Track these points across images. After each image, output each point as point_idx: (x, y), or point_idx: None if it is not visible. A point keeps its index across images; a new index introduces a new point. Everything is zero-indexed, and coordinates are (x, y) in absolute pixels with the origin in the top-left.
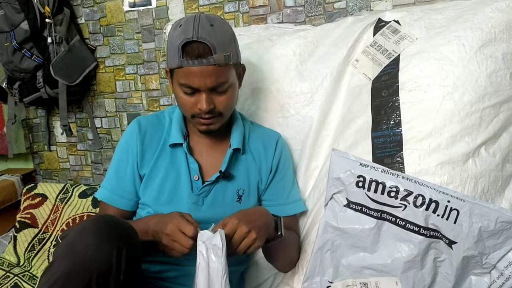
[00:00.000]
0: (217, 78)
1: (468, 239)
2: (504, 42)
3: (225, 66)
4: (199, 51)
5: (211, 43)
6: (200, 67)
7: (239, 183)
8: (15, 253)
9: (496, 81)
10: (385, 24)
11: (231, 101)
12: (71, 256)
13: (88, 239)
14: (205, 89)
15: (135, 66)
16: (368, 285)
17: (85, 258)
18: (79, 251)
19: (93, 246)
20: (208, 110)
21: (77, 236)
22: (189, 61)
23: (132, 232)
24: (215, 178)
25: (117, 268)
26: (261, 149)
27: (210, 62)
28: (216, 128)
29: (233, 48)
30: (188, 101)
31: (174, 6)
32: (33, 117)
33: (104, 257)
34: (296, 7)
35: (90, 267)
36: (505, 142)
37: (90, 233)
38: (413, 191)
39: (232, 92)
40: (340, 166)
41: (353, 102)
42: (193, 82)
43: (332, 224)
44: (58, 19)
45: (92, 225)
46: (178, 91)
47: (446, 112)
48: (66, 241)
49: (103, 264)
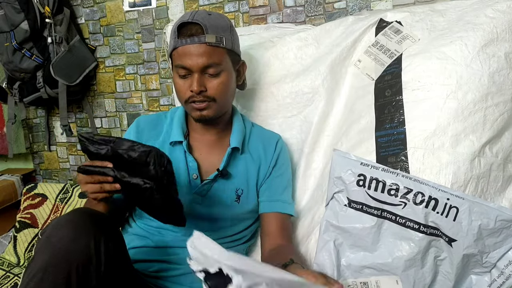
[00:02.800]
0: (208, 58)
1: (468, 237)
2: (506, 41)
3: (217, 48)
4: (192, 31)
5: (203, 24)
6: (192, 46)
7: (238, 183)
8: (15, 253)
9: (499, 80)
10: (387, 25)
11: (224, 87)
12: (48, 250)
13: (64, 231)
14: (197, 70)
15: (135, 66)
16: (368, 285)
17: (61, 250)
18: (55, 244)
19: (69, 238)
20: (199, 91)
21: (53, 230)
22: (183, 40)
23: (108, 221)
24: (213, 177)
25: (97, 259)
26: (260, 150)
27: (201, 40)
28: (210, 116)
29: (228, 35)
30: (182, 85)
31: (174, 6)
32: (33, 117)
33: (81, 248)
34: (296, 7)
35: (68, 259)
36: (507, 141)
37: (65, 225)
38: (412, 189)
39: (225, 78)
40: (341, 166)
41: (356, 103)
42: (185, 61)
43: (333, 223)
44: (58, 19)
45: (67, 217)
46: (175, 76)
47: (450, 110)
48: (44, 235)
49: (81, 255)
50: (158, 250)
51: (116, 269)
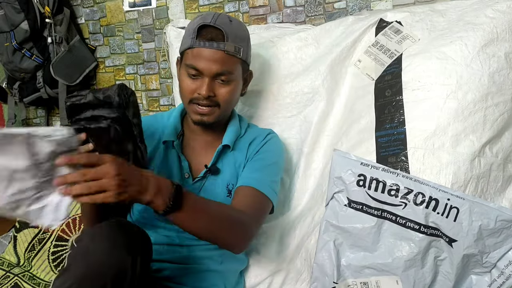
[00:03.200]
0: (223, 65)
1: (468, 237)
2: (506, 41)
3: (233, 58)
4: (212, 35)
5: (225, 30)
6: (210, 50)
7: (228, 178)
8: (15, 253)
9: (499, 80)
10: (387, 25)
11: (231, 96)
12: (84, 261)
13: (101, 244)
14: (209, 74)
15: (135, 66)
16: (368, 285)
17: (97, 262)
18: (92, 256)
19: (106, 251)
20: (207, 96)
21: (91, 241)
22: (201, 42)
23: (144, 237)
24: (203, 174)
25: (132, 274)
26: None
27: (220, 47)
28: (210, 121)
29: (245, 47)
30: (189, 84)
31: (174, 6)
32: (33, 117)
33: (118, 262)
34: (296, 7)
35: (104, 273)
36: (507, 141)
37: (103, 237)
38: (413, 189)
39: (234, 87)
40: (341, 166)
41: (356, 103)
42: (199, 64)
43: (333, 223)
44: (58, 19)
45: (105, 230)
46: (183, 73)
47: (450, 110)
48: (81, 245)
49: (117, 269)
50: (156, 248)
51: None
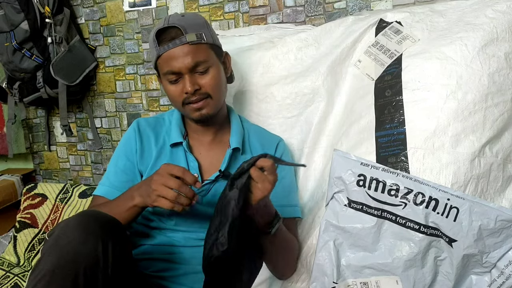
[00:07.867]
0: (194, 57)
1: (468, 237)
2: (506, 41)
3: (200, 45)
4: (171, 35)
5: (181, 25)
6: (175, 49)
7: None
8: (15, 253)
9: (499, 81)
10: (387, 25)
11: (216, 82)
12: (56, 252)
13: (73, 233)
14: (186, 71)
15: (135, 66)
16: (368, 285)
17: (70, 252)
18: (64, 246)
19: (77, 240)
20: (194, 90)
21: (62, 232)
22: (164, 46)
23: (117, 225)
24: (214, 178)
25: (104, 262)
26: (260, 151)
27: (183, 41)
28: (209, 113)
29: (207, 30)
30: (174, 90)
31: (174, 6)
32: (33, 117)
33: (89, 251)
34: (296, 7)
35: (76, 261)
36: (507, 141)
37: (74, 227)
38: (413, 189)
39: (215, 72)
40: (341, 166)
41: (356, 103)
42: (173, 66)
43: (333, 223)
44: (58, 19)
45: (76, 220)
46: (165, 83)
47: (450, 111)
48: (52, 237)
49: (89, 257)
50: (160, 249)
51: (123, 272)
